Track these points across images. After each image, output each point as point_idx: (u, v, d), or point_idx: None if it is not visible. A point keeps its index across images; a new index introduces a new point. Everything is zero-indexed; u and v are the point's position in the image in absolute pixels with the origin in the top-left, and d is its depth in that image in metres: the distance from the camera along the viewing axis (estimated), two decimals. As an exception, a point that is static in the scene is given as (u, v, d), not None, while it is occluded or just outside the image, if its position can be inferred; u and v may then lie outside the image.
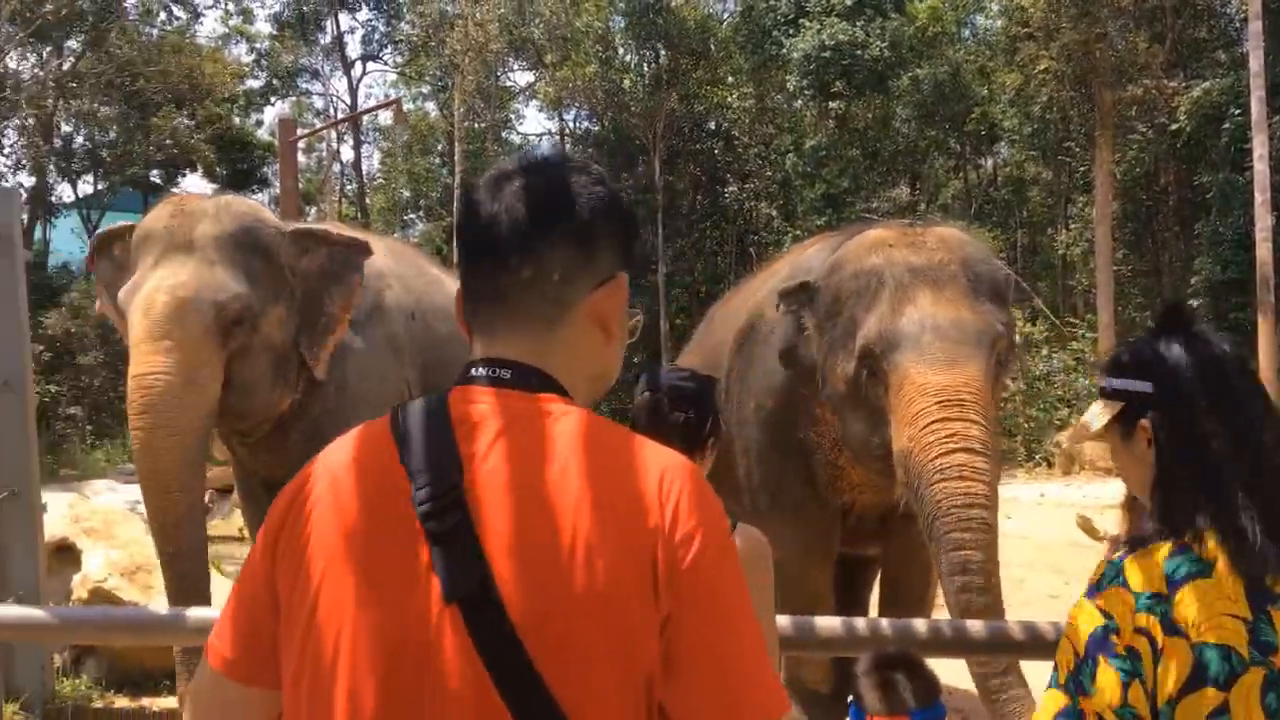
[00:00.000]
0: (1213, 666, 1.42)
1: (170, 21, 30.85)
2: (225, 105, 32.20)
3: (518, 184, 1.21)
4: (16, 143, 26.71)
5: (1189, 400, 1.57)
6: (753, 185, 27.28)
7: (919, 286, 3.62)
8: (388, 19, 36.51)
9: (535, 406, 1.16)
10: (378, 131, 38.34)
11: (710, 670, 1.09)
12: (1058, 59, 20.51)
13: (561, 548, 1.07)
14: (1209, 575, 1.47)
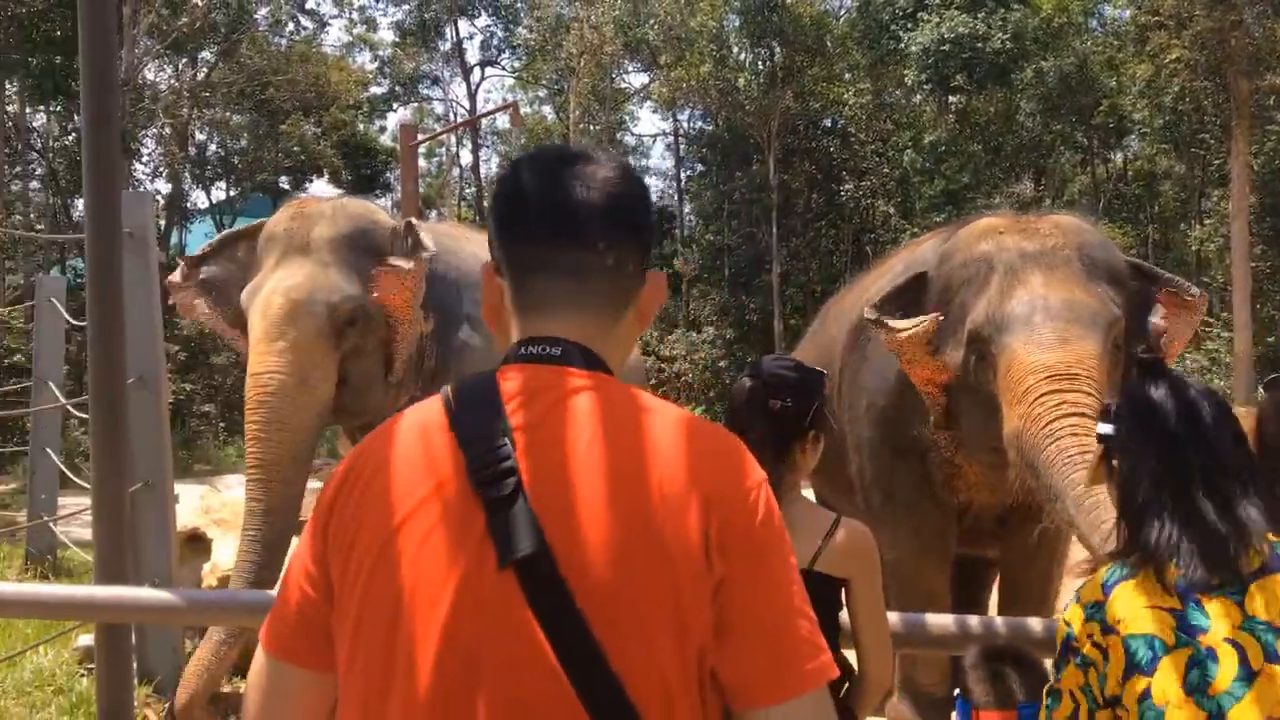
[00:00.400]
0: (1139, 655, 1.61)
1: (298, 31, 31.94)
2: (350, 112, 33.14)
3: (605, 175, 1.24)
4: (154, 151, 27.99)
5: (1146, 440, 1.79)
6: (870, 183, 26.93)
7: (1030, 269, 3.51)
8: (505, 24, 37.13)
9: (583, 382, 1.18)
10: (495, 135, 38.99)
11: (762, 634, 1.12)
12: (1190, 48, 19.74)
13: (615, 515, 1.09)
14: (1134, 578, 1.69)
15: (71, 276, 20.48)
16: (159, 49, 25.26)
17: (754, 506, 1.14)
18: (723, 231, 29.56)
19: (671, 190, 35.62)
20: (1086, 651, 1.67)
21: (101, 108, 2.66)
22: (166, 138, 27.43)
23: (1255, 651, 1.59)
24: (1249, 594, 1.64)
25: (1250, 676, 1.57)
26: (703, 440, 1.17)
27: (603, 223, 1.22)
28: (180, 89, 27.10)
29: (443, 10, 35.86)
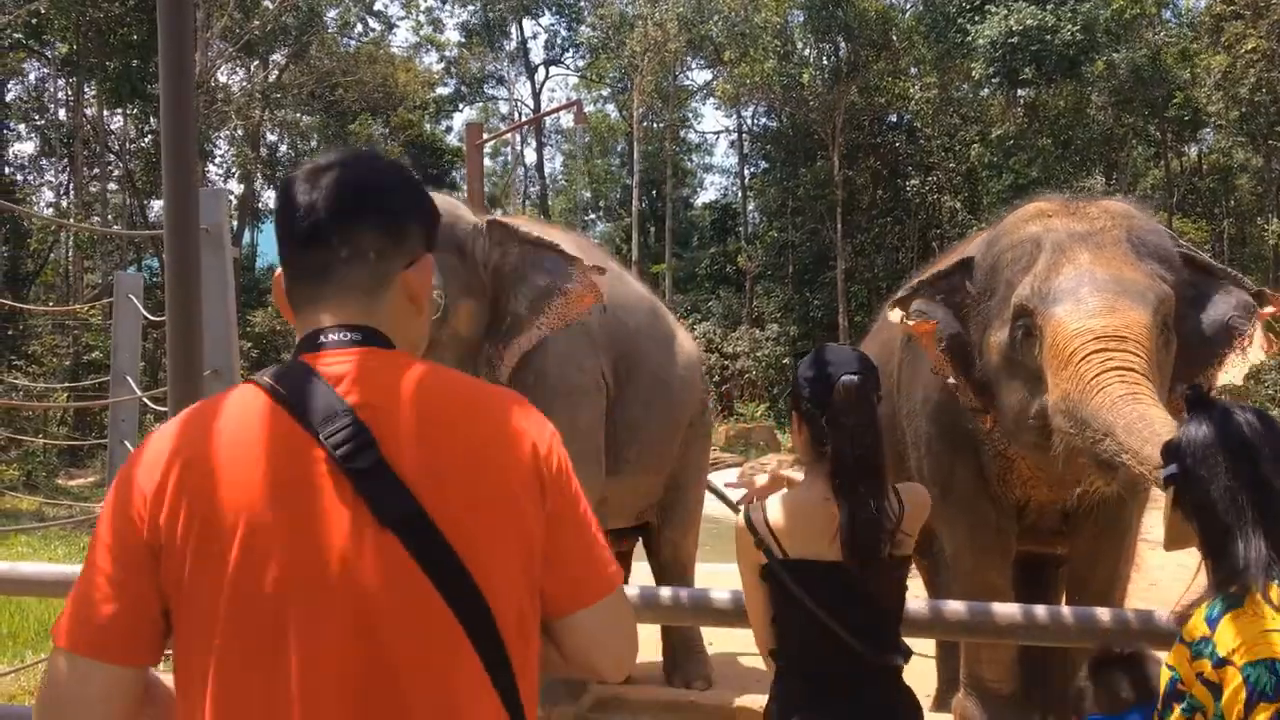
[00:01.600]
0: (1261, 681, 1.56)
1: (366, 33, 32.39)
2: (416, 112, 33.52)
3: (333, 175, 1.36)
4: (227, 152, 28.55)
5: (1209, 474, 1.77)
6: (935, 178, 26.66)
7: (1078, 248, 3.45)
8: (569, 23, 37.33)
9: (393, 359, 1.32)
10: (559, 134, 39.22)
11: (577, 553, 1.35)
12: (1267, 38, 19.27)
13: (468, 471, 1.26)
14: (1241, 604, 1.65)
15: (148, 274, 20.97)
16: (232, 51, 25.77)
17: (561, 453, 1.35)
18: (786, 228, 29.45)
19: (735, 187, 35.57)
20: (1195, 693, 1.64)
21: (179, 105, 2.74)
22: (239, 139, 27.96)
23: None
24: None
25: None
26: (508, 398, 1.37)
27: (332, 221, 1.34)
28: (252, 91, 27.61)
29: (507, 10, 36.13)
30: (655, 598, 2.79)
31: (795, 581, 2.14)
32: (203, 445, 1.25)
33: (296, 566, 1.20)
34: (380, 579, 1.20)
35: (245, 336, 22.46)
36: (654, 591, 2.85)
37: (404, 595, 1.21)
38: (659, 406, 5.45)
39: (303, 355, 1.32)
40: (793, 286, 28.68)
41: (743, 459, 19.84)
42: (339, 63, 29.11)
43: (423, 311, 1.43)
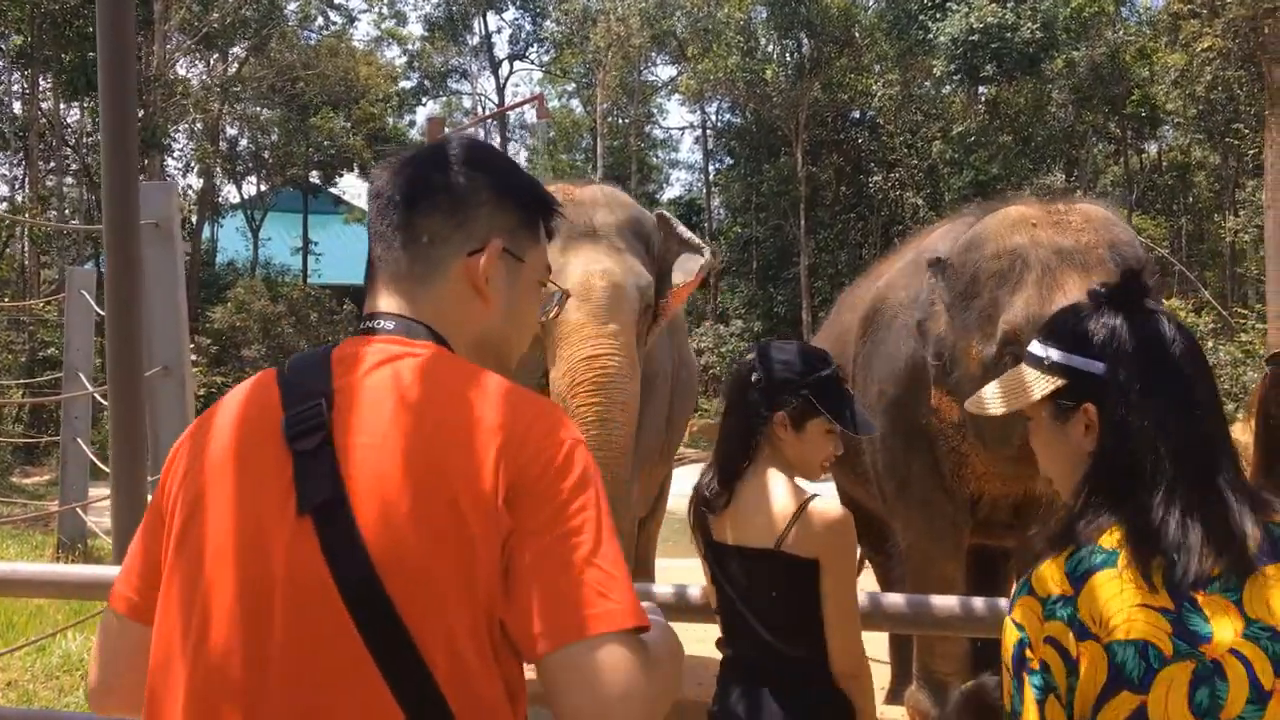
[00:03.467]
0: (1129, 666, 1.30)
1: (327, 26, 32.05)
2: (379, 106, 33.26)
3: (409, 168, 1.35)
4: (186, 146, 28.21)
5: (1140, 387, 1.42)
6: (898, 174, 26.78)
7: (1067, 271, 3.51)
8: (533, 18, 37.14)
9: (407, 348, 1.26)
10: (524, 129, 39.07)
11: (541, 582, 1.12)
12: (1223, 36, 19.45)
13: (413, 471, 1.15)
14: (1113, 565, 1.34)
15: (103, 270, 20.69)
16: (190, 44, 25.47)
17: (552, 460, 1.17)
18: (751, 224, 29.51)
19: (700, 183, 35.59)
20: (1047, 659, 1.34)
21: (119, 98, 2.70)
22: (198, 133, 27.65)
23: (1264, 666, 1.30)
24: (1245, 591, 1.33)
25: (1264, 698, 1.29)
26: (510, 402, 1.21)
27: (390, 212, 1.33)
28: (211, 84, 27.29)
29: (471, 4, 35.92)
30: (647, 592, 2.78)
31: None
32: (209, 418, 1.30)
33: (220, 541, 1.19)
34: (285, 565, 1.16)
35: (204, 333, 22.22)
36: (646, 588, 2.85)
37: (303, 585, 1.14)
38: (688, 396, 5.56)
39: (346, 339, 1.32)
40: (757, 282, 28.74)
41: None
42: (300, 56, 28.78)
43: (489, 302, 1.33)
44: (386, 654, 1.12)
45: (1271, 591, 1.33)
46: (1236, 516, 1.35)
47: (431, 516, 1.14)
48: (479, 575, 1.13)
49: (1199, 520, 1.34)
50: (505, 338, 1.38)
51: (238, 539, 1.18)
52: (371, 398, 1.21)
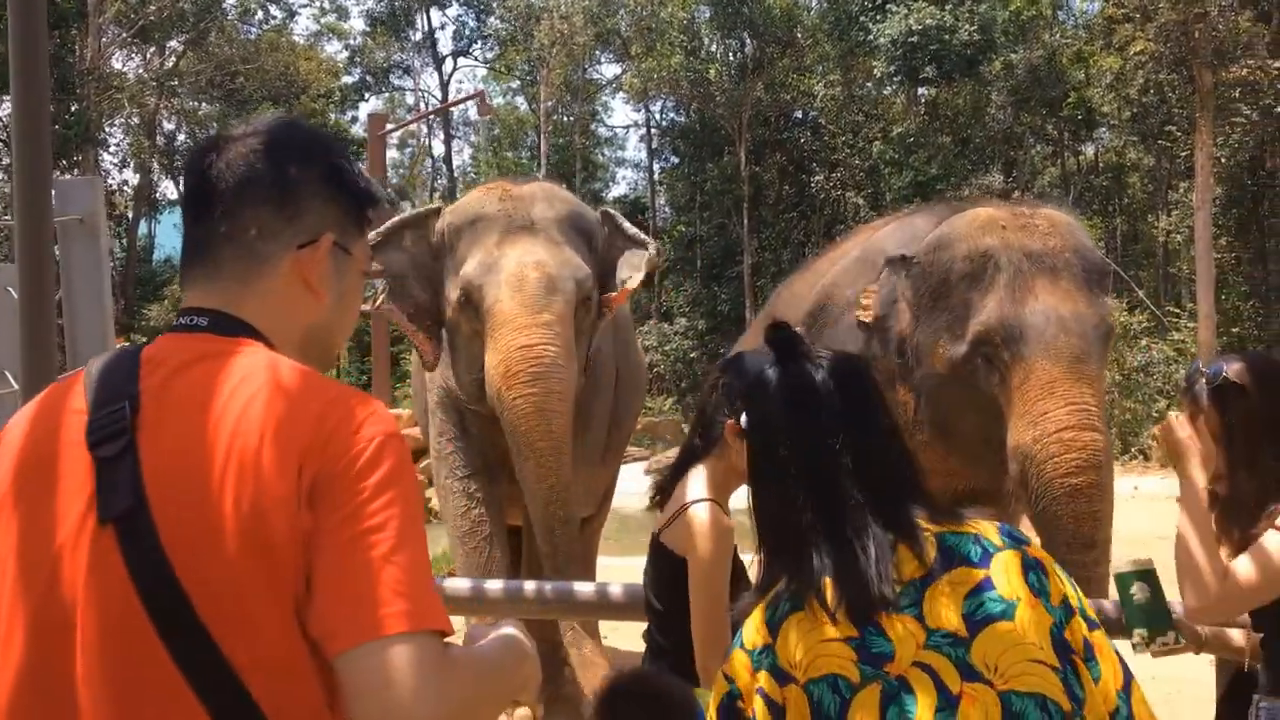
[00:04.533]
0: (825, 702, 1.33)
1: (267, 20, 31.70)
2: (320, 102, 32.93)
3: (235, 144, 1.26)
4: (122, 141, 27.73)
5: (794, 424, 1.48)
6: (840, 174, 27.01)
7: (1037, 275, 3.60)
8: (477, 14, 36.95)
9: (219, 346, 1.19)
10: (468, 126, 38.84)
11: (338, 581, 1.07)
12: (1155, 40, 19.84)
13: (214, 471, 1.09)
14: (801, 608, 1.38)
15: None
16: (126, 37, 25.01)
17: (359, 456, 1.11)
18: (695, 223, 29.61)
19: (645, 181, 35.61)
20: (753, 707, 1.37)
21: (30, 88, 2.63)
22: (135, 127, 27.19)
23: (950, 672, 1.33)
24: (925, 603, 1.37)
25: (953, 703, 1.32)
26: (320, 400, 1.14)
27: (214, 195, 1.25)
28: (148, 78, 26.83)
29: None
30: (519, 591, 2.77)
31: None
32: (14, 422, 1.23)
33: (23, 555, 1.13)
34: (87, 579, 1.09)
35: (140, 330, 21.87)
36: (518, 585, 2.84)
37: (106, 601, 1.09)
38: (634, 394, 5.52)
39: (159, 336, 1.25)
40: (701, 281, 28.84)
41: (649, 452, 19.89)
42: (239, 50, 28.46)
43: (319, 296, 1.28)
44: (195, 669, 1.07)
45: (948, 600, 1.36)
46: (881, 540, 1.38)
47: (236, 522, 1.08)
48: (286, 580, 1.08)
49: (859, 549, 1.37)
50: (332, 331, 1.33)
51: (40, 553, 1.12)
52: (179, 399, 1.15)
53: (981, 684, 1.32)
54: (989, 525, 1.46)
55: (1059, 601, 1.39)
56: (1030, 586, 1.38)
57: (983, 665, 1.33)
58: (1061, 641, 1.36)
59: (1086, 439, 3.29)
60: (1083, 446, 3.28)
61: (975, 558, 1.39)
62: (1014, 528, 1.49)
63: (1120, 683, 1.39)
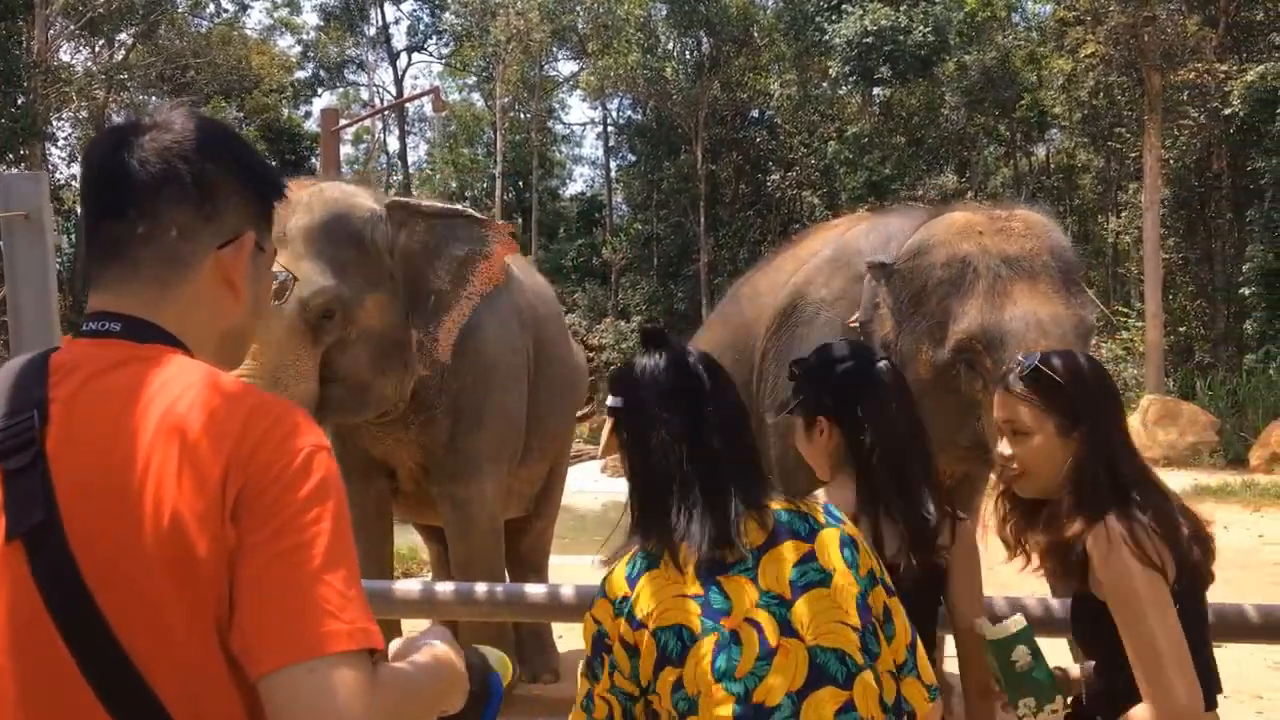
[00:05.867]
0: (669, 647, 1.60)
1: (218, 14, 31.27)
2: (273, 96, 32.57)
3: (145, 138, 1.21)
4: (71, 135, 27.24)
5: (643, 410, 1.75)
6: (796, 173, 27.12)
7: (1015, 279, 3.67)
8: (432, 9, 36.72)
9: (134, 353, 1.15)
10: (423, 122, 38.59)
11: (263, 599, 1.04)
12: (1105, 43, 20.08)
13: (131, 484, 1.05)
14: (656, 565, 1.65)
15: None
16: (74, 29, 24.57)
17: (286, 468, 1.07)
18: (651, 221, 29.61)
19: (602, 179, 35.59)
20: (615, 655, 1.64)
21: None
22: (84, 121, 26.71)
23: (772, 628, 1.61)
24: (760, 568, 1.64)
25: (770, 653, 1.59)
26: (243, 408, 1.11)
27: (129, 192, 1.19)
28: (96, 71, 26.37)
29: (368, -7, 35.40)
30: (471, 593, 2.76)
31: None
32: None
33: None
34: (3, 594, 1.06)
35: (88, 328, 21.46)
36: (469, 587, 2.83)
37: (16, 619, 1.05)
38: (563, 394, 5.43)
39: (66, 340, 1.20)
40: (657, 279, 28.85)
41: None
42: (190, 44, 28.03)
43: (241, 296, 1.25)
44: (109, 686, 1.03)
45: (779, 567, 1.65)
46: (734, 511, 1.66)
47: (155, 535, 1.04)
48: (207, 596, 1.05)
49: (709, 517, 1.65)
50: (247, 331, 1.31)
51: None
52: (92, 408, 1.10)
53: (795, 639, 1.60)
54: (818, 505, 1.77)
55: (865, 573, 1.69)
56: (845, 560, 1.68)
57: (799, 624, 1.61)
58: (865, 606, 1.66)
59: None
60: None
61: (804, 533, 1.69)
62: (835, 508, 1.81)
63: (908, 639, 1.72)
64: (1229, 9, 21.26)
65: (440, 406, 4.64)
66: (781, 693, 1.57)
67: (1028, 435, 2.04)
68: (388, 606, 2.94)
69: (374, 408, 4.47)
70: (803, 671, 1.59)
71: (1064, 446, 2.01)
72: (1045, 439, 2.03)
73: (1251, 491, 12.79)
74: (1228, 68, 20.15)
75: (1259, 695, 5.26)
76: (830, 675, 1.59)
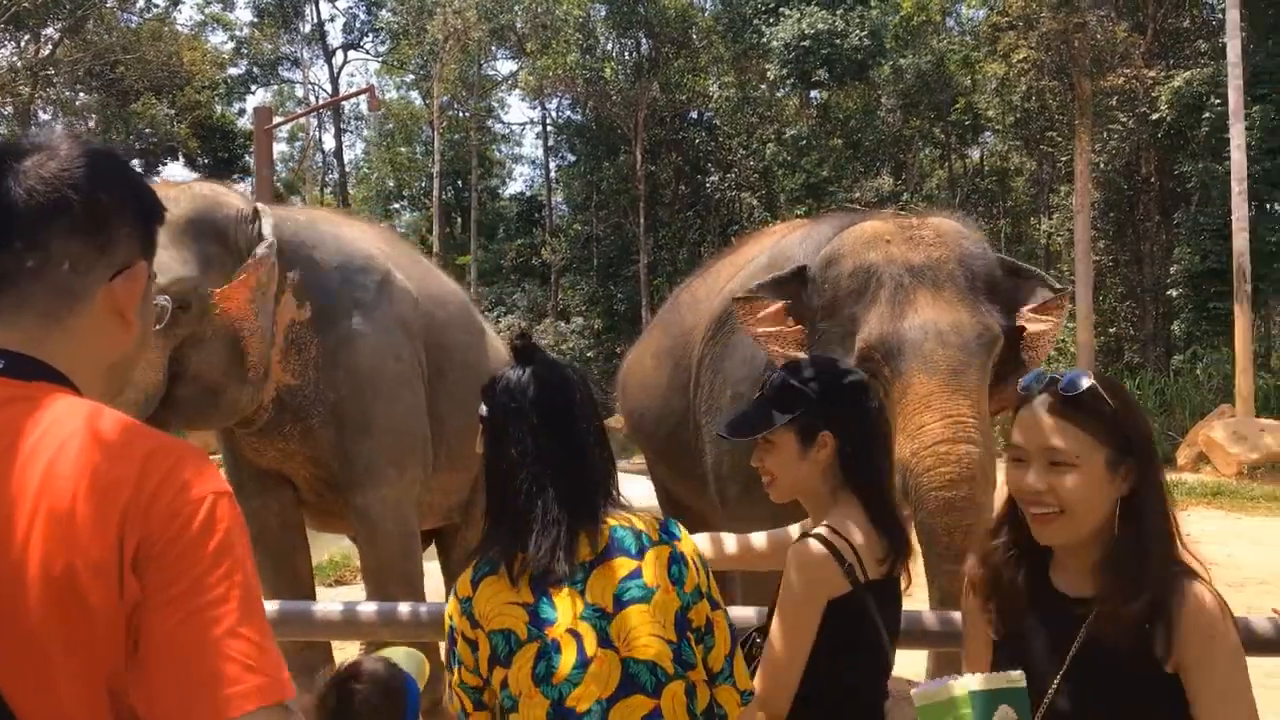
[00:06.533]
0: (499, 649, 1.73)
1: (148, 9, 30.64)
2: (206, 93, 32.02)
3: (28, 164, 1.15)
4: (-6, 131, 26.57)
5: (503, 422, 1.83)
6: (735, 175, 27.25)
7: (918, 288, 3.62)
8: (369, 7, 36.34)
9: (20, 392, 1.10)
10: (359, 120, 38.17)
11: (173, 658, 1.00)
12: (1037, 48, 20.45)
13: (18, 530, 1.00)
14: (496, 572, 1.76)
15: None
16: (-3, 23, 23.98)
17: (190, 520, 1.03)
18: (591, 221, 29.58)
19: (542, 179, 35.48)
20: (459, 648, 1.78)
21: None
22: (8, 117, 26.05)
23: (591, 639, 1.72)
24: (589, 583, 1.75)
25: (586, 663, 1.71)
26: (141, 452, 1.06)
27: (20, 221, 1.13)
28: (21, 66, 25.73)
29: (303, -10, 34.94)
30: (394, 614, 2.72)
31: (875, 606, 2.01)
32: None
33: None
34: None
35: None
36: (391, 608, 2.78)
37: None
38: (472, 401, 5.34)
39: None
40: (597, 280, 28.83)
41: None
42: (119, 39, 27.43)
43: (133, 326, 1.21)
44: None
45: (606, 582, 1.75)
46: (570, 527, 1.76)
47: (44, 585, 0.99)
48: (100, 650, 1.00)
49: (547, 531, 1.75)
50: (134, 360, 1.26)
51: None
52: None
53: (611, 650, 1.72)
54: (653, 522, 1.84)
55: (691, 589, 1.79)
56: (670, 576, 1.78)
57: (616, 637, 1.72)
58: (684, 620, 1.77)
59: (960, 452, 3.29)
60: (956, 460, 3.28)
61: (634, 550, 1.78)
62: (675, 523, 1.88)
63: (728, 649, 1.82)
64: (1157, 16, 21.75)
65: (317, 417, 4.53)
66: (592, 699, 1.70)
67: (1071, 468, 1.70)
68: (308, 629, 2.87)
69: (223, 413, 4.34)
70: (615, 680, 1.71)
71: (1111, 483, 1.72)
72: (1093, 473, 1.71)
73: (1179, 490, 13.07)
74: (1155, 73, 20.62)
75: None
76: (640, 684, 1.72)
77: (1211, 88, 18.92)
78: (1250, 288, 15.77)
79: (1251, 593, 7.97)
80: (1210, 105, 18.99)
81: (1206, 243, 19.54)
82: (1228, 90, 15.92)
